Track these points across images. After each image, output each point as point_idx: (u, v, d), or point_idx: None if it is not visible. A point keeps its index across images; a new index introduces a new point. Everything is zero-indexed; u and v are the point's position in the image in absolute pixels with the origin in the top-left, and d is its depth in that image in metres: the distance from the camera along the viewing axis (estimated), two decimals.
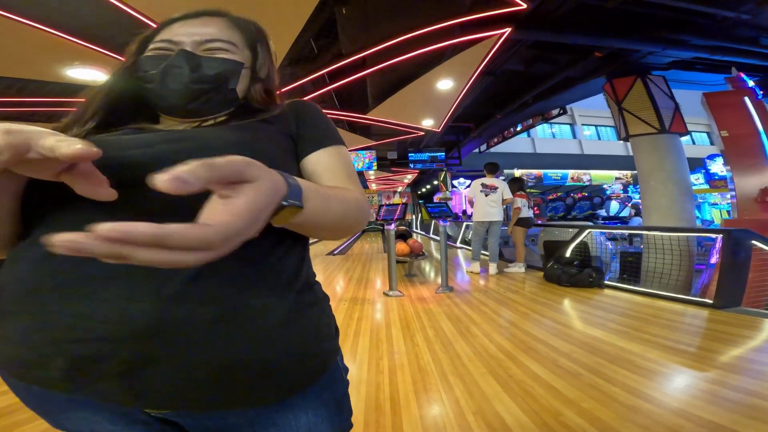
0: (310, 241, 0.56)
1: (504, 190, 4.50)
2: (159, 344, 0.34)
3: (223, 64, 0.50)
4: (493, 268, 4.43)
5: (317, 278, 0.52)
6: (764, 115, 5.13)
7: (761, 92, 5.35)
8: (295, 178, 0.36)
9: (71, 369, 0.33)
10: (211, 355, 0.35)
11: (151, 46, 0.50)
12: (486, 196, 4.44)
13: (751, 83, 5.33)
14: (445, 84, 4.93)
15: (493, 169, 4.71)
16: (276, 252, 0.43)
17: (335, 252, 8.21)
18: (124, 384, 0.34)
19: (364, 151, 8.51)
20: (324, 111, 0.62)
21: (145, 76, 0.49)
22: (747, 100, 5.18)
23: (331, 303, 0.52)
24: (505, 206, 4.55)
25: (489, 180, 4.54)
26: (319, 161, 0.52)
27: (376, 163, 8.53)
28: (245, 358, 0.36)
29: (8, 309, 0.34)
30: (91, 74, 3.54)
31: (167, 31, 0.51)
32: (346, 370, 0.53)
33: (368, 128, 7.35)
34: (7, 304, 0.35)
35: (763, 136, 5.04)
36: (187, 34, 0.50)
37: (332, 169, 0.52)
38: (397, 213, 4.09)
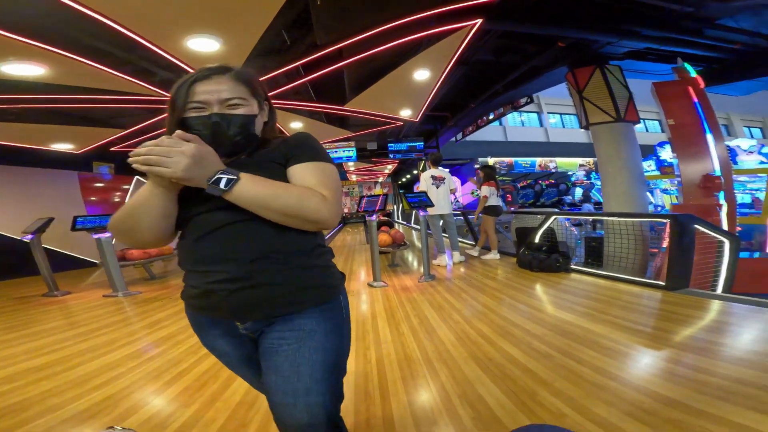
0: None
1: (449, 180, 4.57)
2: (239, 283, 0.65)
3: (246, 118, 0.71)
4: (456, 255, 4.52)
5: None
6: (706, 104, 5.41)
7: (704, 82, 5.64)
8: (240, 172, 0.63)
9: (203, 297, 0.69)
10: (267, 285, 0.67)
11: (189, 105, 0.69)
12: (437, 188, 4.46)
13: (694, 73, 5.58)
14: (421, 74, 4.92)
15: (438, 159, 4.74)
16: (297, 235, 0.69)
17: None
18: (225, 305, 0.67)
19: (345, 142, 8.39)
20: (300, 103, 0.95)
21: (197, 133, 0.67)
22: (690, 89, 5.41)
23: (333, 288, 0.76)
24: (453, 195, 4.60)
25: (436, 171, 4.55)
26: (295, 171, 0.71)
27: (354, 153, 8.43)
28: (283, 286, 0.68)
29: (189, 269, 0.71)
30: (27, 69, 3.28)
31: (191, 92, 0.69)
32: (347, 309, 0.79)
33: (346, 119, 7.22)
34: (188, 266, 0.70)
35: (705, 124, 5.28)
36: (209, 93, 0.69)
37: (302, 176, 0.70)
38: (378, 204, 4.09)
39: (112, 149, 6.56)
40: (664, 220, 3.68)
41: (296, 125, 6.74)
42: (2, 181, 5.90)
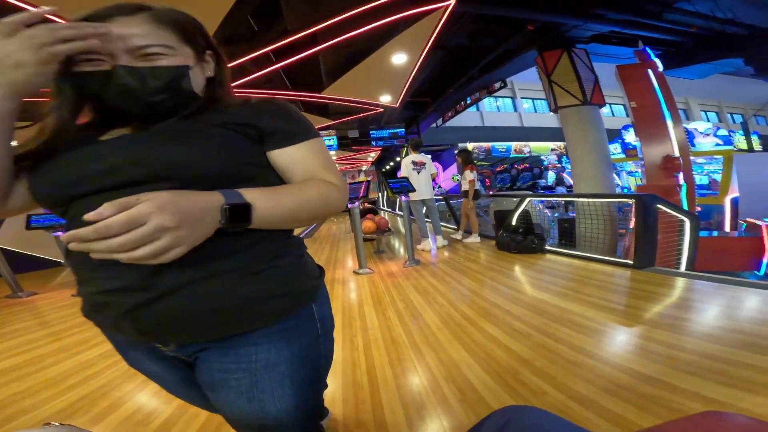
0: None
1: (430, 164, 4.53)
2: (137, 296, 0.45)
3: (172, 70, 0.49)
4: (439, 240, 4.53)
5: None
6: (665, 87, 5.58)
7: (663, 65, 5.79)
8: (240, 192, 0.46)
9: (96, 312, 0.49)
10: (183, 303, 0.45)
11: (79, 56, 0.45)
12: (418, 173, 4.43)
13: (653, 56, 5.72)
14: (399, 58, 4.81)
15: (417, 144, 4.71)
16: (250, 237, 0.50)
17: (302, 236, 7.96)
18: (125, 324, 0.47)
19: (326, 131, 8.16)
20: (274, 91, 0.74)
21: (93, 94, 0.48)
22: (650, 72, 5.54)
23: (295, 299, 0.56)
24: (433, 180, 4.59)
25: (417, 156, 4.51)
26: (292, 156, 0.55)
27: (335, 142, 8.24)
28: (210, 299, 0.46)
29: (81, 278, 0.49)
30: None
31: None
32: (330, 321, 0.61)
33: (325, 107, 7.01)
34: (71, 266, 0.50)
35: (664, 106, 5.44)
36: (114, 40, 0.46)
37: (303, 162, 0.56)
38: (362, 191, 4.02)
39: None
40: (629, 201, 3.81)
41: None
42: None
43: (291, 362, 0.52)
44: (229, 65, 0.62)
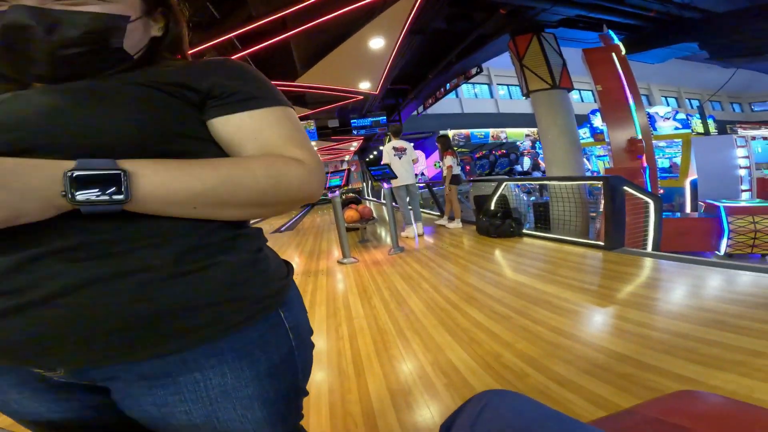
0: (254, 221, 0.48)
1: (411, 150, 4.52)
2: (12, 302, 0.30)
3: (95, 20, 0.36)
4: (419, 227, 4.51)
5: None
6: (627, 70, 5.72)
7: (625, 49, 5.92)
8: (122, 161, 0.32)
9: None
10: (71, 311, 0.31)
11: None
12: (399, 159, 4.40)
13: (617, 40, 5.83)
14: (376, 43, 4.67)
15: (398, 130, 4.69)
16: (176, 224, 0.36)
17: (282, 229, 7.71)
18: None
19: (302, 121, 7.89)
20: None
21: None
22: (614, 55, 5.66)
23: (241, 297, 0.40)
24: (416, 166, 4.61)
25: (398, 143, 4.48)
26: (239, 125, 0.40)
27: (314, 132, 8.00)
28: (116, 312, 0.32)
29: None
30: None
31: None
32: (305, 328, 0.47)
33: (302, 96, 6.75)
34: None
35: (627, 90, 5.57)
36: None
37: (253, 132, 0.40)
38: (344, 180, 3.93)
39: None
40: (598, 183, 3.93)
41: None
42: None
43: (258, 383, 0.40)
44: (191, 51, 0.51)
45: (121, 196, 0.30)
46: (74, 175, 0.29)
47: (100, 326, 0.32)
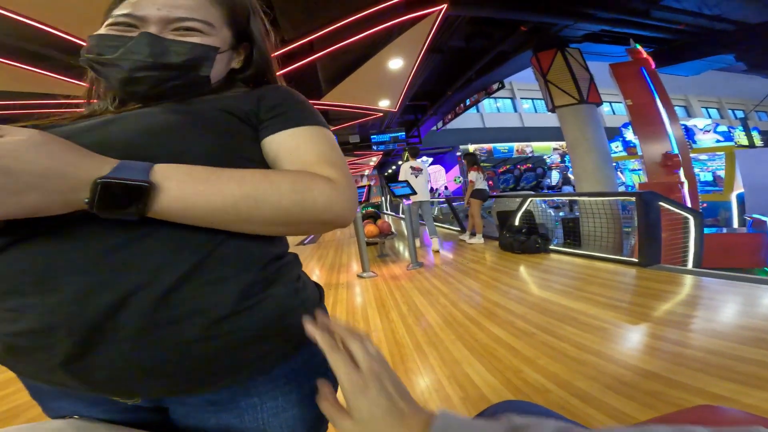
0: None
1: (426, 170, 4.78)
2: (93, 337, 0.31)
3: (193, 50, 0.42)
4: (435, 242, 4.56)
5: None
6: (659, 84, 5.56)
7: (655, 62, 5.78)
8: (156, 167, 0.33)
9: (11, 356, 0.32)
10: (146, 347, 0.32)
11: (110, 19, 0.41)
12: (416, 177, 4.61)
13: (645, 54, 5.71)
14: (395, 63, 4.86)
15: (416, 152, 4.97)
16: (216, 238, 0.36)
17: (306, 242, 7.98)
18: (59, 375, 0.32)
19: None
20: None
21: (99, 60, 0.40)
22: (644, 70, 5.54)
23: (293, 327, 0.44)
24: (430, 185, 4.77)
25: (415, 163, 4.77)
26: (279, 143, 0.43)
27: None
28: (196, 349, 0.33)
29: None
30: None
31: (126, 2, 0.41)
32: None
33: (326, 113, 7.08)
34: None
35: (660, 104, 5.43)
36: (153, 5, 0.40)
37: (290, 150, 0.43)
38: (364, 196, 4.05)
39: None
40: (630, 199, 3.80)
41: None
42: None
43: (302, 403, 0.42)
44: None
45: (133, 209, 0.31)
46: (103, 182, 0.29)
47: (181, 363, 0.33)
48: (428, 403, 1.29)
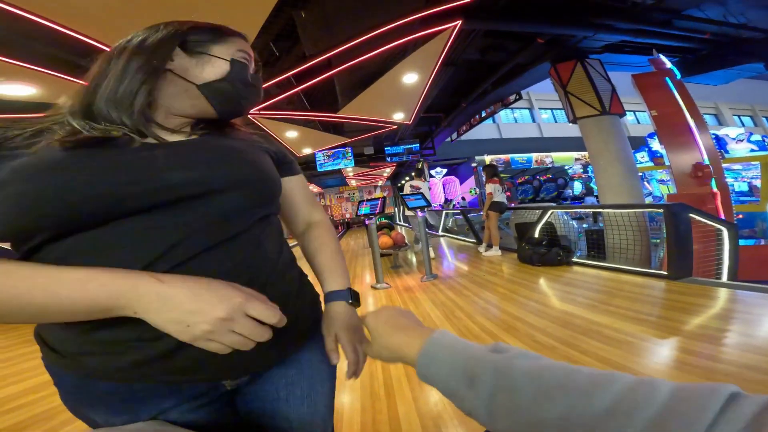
0: (294, 243, 0.73)
1: (426, 190, 5.10)
2: None
3: (258, 82, 0.57)
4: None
5: (309, 277, 0.64)
6: (685, 94, 5.40)
7: (681, 72, 5.63)
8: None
9: (169, 358, 0.41)
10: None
11: (238, 54, 0.52)
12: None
13: (669, 64, 5.58)
14: (410, 78, 4.97)
15: (420, 172, 5.43)
16: (279, 235, 0.55)
17: None
18: (215, 362, 0.42)
19: (343, 149, 8.43)
20: (294, 112, 0.91)
21: (232, 81, 0.50)
22: (668, 80, 5.41)
23: (320, 301, 0.61)
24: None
25: (415, 182, 5.16)
26: (296, 186, 0.64)
27: (351, 159, 8.47)
28: (294, 313, 0.47)
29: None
30: (17, 89, 3.32)
31: (232, 42, 0.52)
32: None
33: (341, 126, 7.26)
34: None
35: (687, 114, 5.27)
36: (248, 51, 0.54)
37: (305, 194, 0.65)
38: (379, 207, 4.08)
39: None
40: (658, 210, 3.66)
41: (292, 134, 6.77)
42: None
43: (322, 356, 0.56)
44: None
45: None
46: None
47: (278, 332, 0.41)
48: (441, 415, 1.27)
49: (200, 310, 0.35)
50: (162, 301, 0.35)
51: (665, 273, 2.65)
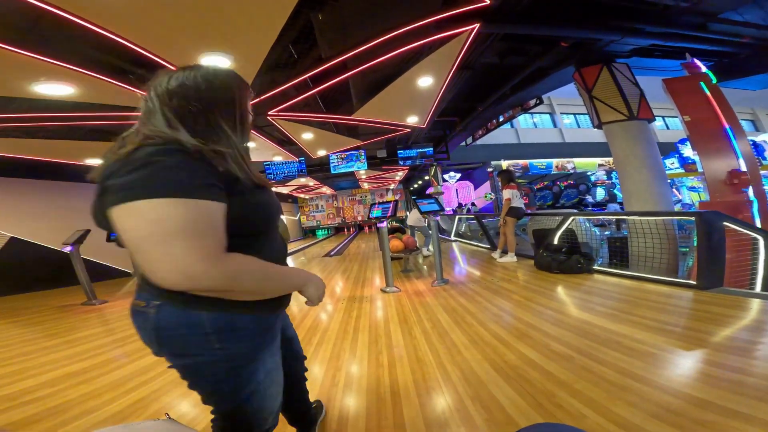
0: (307, 244, 0.96)
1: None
2: None
3: None
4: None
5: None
6: (721, 99, 5.17)
7: (716, 77, 5.40)
8: None
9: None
10: None
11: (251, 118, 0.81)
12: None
13: (704, 68, 5.38)
14: (425, 81, 4.96)
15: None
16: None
17: (332, 253, 8.19)
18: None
19: (356, 151, 8.50)
20: (311, 114, 1.07)
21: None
22: (703, 84, 5.21)
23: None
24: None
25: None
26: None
27: (365, 162, 8.53)
28: None
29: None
30: (57, 89, 3.49)
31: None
32: None
33: (355, 128, 7.33)
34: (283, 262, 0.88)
35: (723, 120, 5.06)
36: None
37: None
38: (390, 210, 4.09)
39: None
40: (690, 218, 3.51)
41: (308, 136, 6.89)
42: (45, 195, 6.37)
43: None
44: (275, 91, 0.79)
45: None
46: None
47: None
48: (448, 423, 1.24)
49: (322, 289, 0.84)
50: (315, 286, 0.81)
51: (694, 282, 2.53)
